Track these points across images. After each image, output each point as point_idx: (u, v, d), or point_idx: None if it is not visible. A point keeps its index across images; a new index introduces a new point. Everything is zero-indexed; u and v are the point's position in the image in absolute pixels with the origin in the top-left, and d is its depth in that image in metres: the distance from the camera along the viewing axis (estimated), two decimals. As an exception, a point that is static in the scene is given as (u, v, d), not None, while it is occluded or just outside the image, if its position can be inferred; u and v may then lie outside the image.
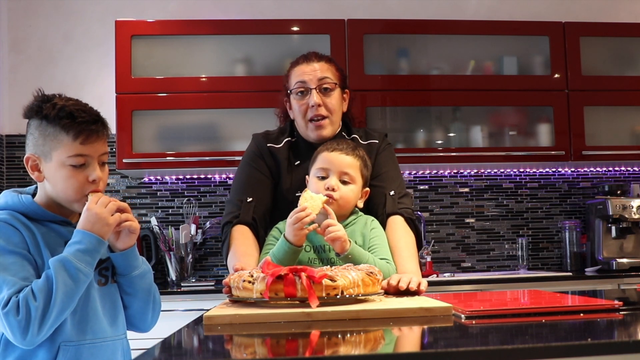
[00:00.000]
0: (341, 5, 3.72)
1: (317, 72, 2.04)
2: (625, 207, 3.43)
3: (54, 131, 1.51)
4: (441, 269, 3.67)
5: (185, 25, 3.38)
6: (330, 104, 2.04)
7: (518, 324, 1.27)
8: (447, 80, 3.46)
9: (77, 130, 1.50)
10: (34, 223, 1.54)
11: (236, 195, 2.06)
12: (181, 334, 1.27)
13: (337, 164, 1.87)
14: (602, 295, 1.89)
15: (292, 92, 2.07)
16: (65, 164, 1.51)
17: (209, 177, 3.62)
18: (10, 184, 3.54)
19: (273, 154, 2.09)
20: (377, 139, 2.12)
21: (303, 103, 2.03)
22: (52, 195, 1.57)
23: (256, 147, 2.12)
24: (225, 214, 2.06)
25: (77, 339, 1.51)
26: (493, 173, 3.78)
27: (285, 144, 2.10)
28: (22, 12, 3.62)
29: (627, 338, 1.06)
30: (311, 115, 2.02)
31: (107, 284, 1.61)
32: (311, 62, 2.06)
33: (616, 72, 3.64)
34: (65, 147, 1.51)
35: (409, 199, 2.06)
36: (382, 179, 2.05)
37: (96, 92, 3.50)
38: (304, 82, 2.04)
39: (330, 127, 2.04)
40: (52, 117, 1.50)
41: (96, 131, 1.53)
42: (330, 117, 2.04)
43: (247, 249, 1.92)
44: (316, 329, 1.23)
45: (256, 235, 2.00)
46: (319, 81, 2.03)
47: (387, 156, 2.12)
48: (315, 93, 2.02)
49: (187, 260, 3.42)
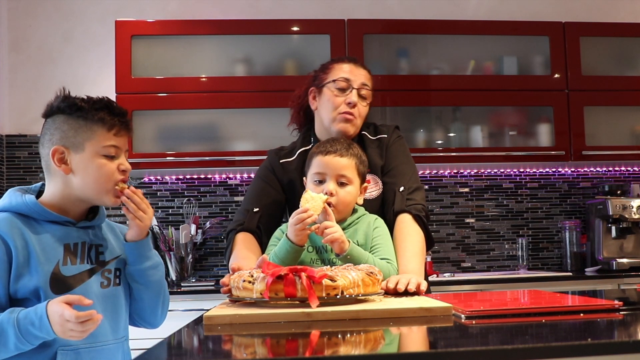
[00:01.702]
0: (341, 5, 3.72)
1: (361, 77, 2.08)
2: (625, 207, 3.44)
3: (89, 123, 1.57)
4: (441, 269, 3.67)
5: (185, 25, 3.38)
6: (362, 109, 2.07)
7: (518, 324, 1.27)
8: (447, 80, 3.46)
9: (112, 122, 1.58)
10: (33, 224, 1.53)
11: (244, 206, 2.10)
12: (181, 334, 1.27)
13: (333, 167, 1.86)
14: (602, 295, 1.89)
15: (333, 83, 2.07)
16: (99, 154, 1.57)
17: (209, 177, 3.62)
18: (10, 184, 3.54)
19: (285, 169, 2.11)
20: (385, 134, 2.13)
21: (341, 98, 2.05)
22: (76, 189, 1.57)
23: (269, 163, 2.15)
24: (232, 223, 2.09)
25: (75, 343, 1.50)
26: (493, 173, 3.78)
27: (299, 156, 2.12)
28: (22, 12, 3.62)
29: (627, 338, 1.06)
30: (344, 110, 2.04)
31: (110, 286, 1.62)
32: (358, 66, 2.11)
33: (616, 72, 3.64)
34: (100, 137, 1.57)
35: (421, 193, 2.05)
36: (392, 174, 2.06)
37: (96, 92, 3.41)
38: (349, 80, 2.06)
39: (354, 128, 2.07)
40: (88, 108, 1.57)
41: (126, 124, 1.62)
42: (357, 120, 2.06)
43: (248, 253, 1.92)
44: (316, 329, 1.23)
45: (260, 243, 2.01)
46: (361, 85, 2.07)
47: (397, 149, 2.11)
48: (355, 93, 2.05)
49: (187, 260, 3.42)
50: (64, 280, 1.52)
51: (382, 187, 2.04)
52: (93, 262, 1.60)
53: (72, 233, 1.58)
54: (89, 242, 1.61)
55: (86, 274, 1.57)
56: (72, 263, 1.55)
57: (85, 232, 1.61)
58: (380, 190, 2.05)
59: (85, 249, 1.59)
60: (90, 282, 1.57)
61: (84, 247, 1.59)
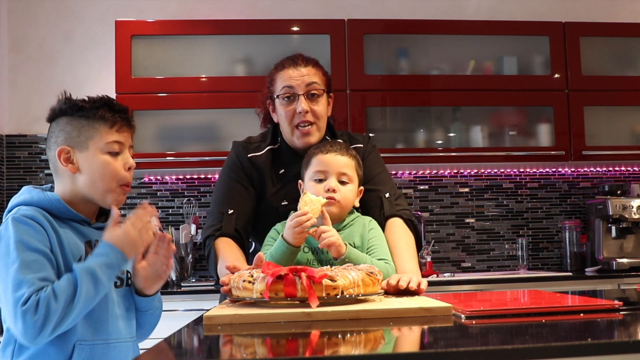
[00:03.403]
0: (341, 5, 3.72)
1: (304, 78, 1.98)
2: (625, 207, 3.44)
3: (90, 121, 1.58)
4: (441, 269, 3.67)
5: (185, 25, 3.38)
6: (317, 110, 1.99)
7: (518, 324, 1.27)
8: (447, 80, 3.46)
9: (113, 118, 1.60)
10: (57, 221, 1.54)
11: (217, 207, 2.02)
12: (181, 334, 1.27)
13: (335, 165, 1.87)
14: (602, 295, 1.89)
15: (278, 97, 2.01)
16: (103, 151, 1.58)
17: (209, 177, 3.62)
18: (10, 184, 3.54)
19: (254, 164, 2.04)
20: (361, 143, 2.10)
21: (290, 109, 1.98)
22: (83, 188, 1.58)
23: (236, 157, 2.07)
24: (207, 227, 2.01)
25: (91, 339, 1.52)
26: (493, 173, 3.78)
27: (267, 152, 2.06)
28: (22, 12, 3.62)
29: (627, 338, 1.06)
30: (298, 121, 1.98)
31: (123, 286, 1.63)
32: (298, 67, 2.00)
33: (616, 72, 3.64)
34: (103, 134, 1.58)
35: (404, 200, 2.06)
36: (374, 182, 2.04)
37: (96, 92, 3.40)
38: (292, 88, 1.98)
39: (317, 134, 2.01)
40: (89, 107, 1.59)
41: (128, 121, 1.63)
42: (317, 123, 2.00)
43: (236, 256, 1.89)
44: (316, 329, 1.23)
45: (241, 246, 1.97)
46: (306, 87, 1.98)
47: (375, 159, 2.10)
48: (303, 99, 1.97)
49: (187, 260, 3.42)
50: None
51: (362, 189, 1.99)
52: None
53: (89, 232, 1.59)
54: None
55: None
56: None
57: (99, 233, 1.62)
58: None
59: None
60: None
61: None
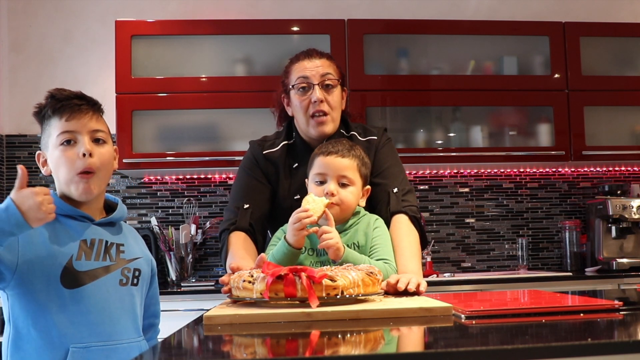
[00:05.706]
0: (341, 5, 3.72)
1: (319, 69, 2.03)
2: (625, 207, 3.43)
3: (47, 121, 1.59)
4: (441, 269, 3.67)
5: (185, 25, 3.37)
6: (332, 100, 2.03)
7: (518, 324, 1.27)
8: (447, 80, 3.46)
9: (61, 109, 1.56)
10: (58, 218, 1.53)
11: (233, 203, 2.07)
12: (181, 334, 1.27)
13: (334, 168, 1.86)
14: (602, 295, 1.89)
15: (293, 88, 2.05)
16: (56, 145, 1.56)
17: (209, 177, 3.62)
18: (10, 184, 3.54)
19: (270, 160, 2.09)
20: (375, 135, 2.11)
21: (305, 99, 2.02)
22: (58, 187, 1.60)
23: (252, 155, 2.12)
24: (223, 222, 2.07)
25: (88, 342, 1.50)
26: (493, 173, 3.78)
27: (282, 148, 2.10)
28: (22, 12, 3.62)
29: (627, 338, 1.06)
30: (313, 110, 2.01)
31: (128, 285, 1.62)
32: (313, 59, 2.05)
33: (616, 72, 3.64)
34: (55, 128, 1.57)
35: (413, 195, 2.04)
36: (384, 175, 2.04)
37: (96, 92, 3.40)
38: (307, 78, 2.02)
39: (331, 124, 2.03)
40: (44, 106, 1.59)
41: (79, 105, 1.58)
42: (331, 114, 2.03)
43: (244, 252, 1.92)
44: (316, 329, 1.23)
45: (254, 241, 2.01)
46: (321, 77, 2.02)
47: (388, 152, 2.10)
48: (317, 89, 2.01)
49: (187, 260, 3.42)
50: (75, 275, 1.52)
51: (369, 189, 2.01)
52: (113, 259, 1.60)
53: (89, 230, 1.58)
54: (109, 241, 1.61)
55: (102, 271, 1.57)
56: (87, 258, 1.55)
57: (104, 230, 1.62)
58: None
59: (103, 246, 1.59)
60: (106, 279, 1.57)
61: (100, 244, 1.59)
